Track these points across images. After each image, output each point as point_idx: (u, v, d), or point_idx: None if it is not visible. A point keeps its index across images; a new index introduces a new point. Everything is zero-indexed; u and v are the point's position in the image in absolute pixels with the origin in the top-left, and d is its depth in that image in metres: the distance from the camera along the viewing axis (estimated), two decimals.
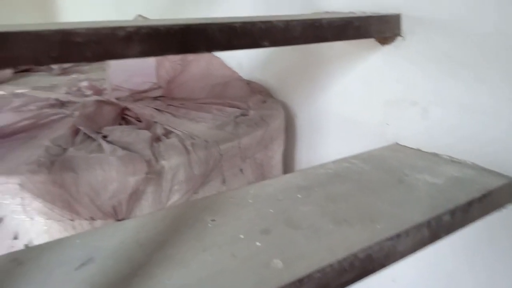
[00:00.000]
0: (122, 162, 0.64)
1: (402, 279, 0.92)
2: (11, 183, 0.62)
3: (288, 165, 1.15)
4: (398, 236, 0.53)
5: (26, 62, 0.45)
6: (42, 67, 1.60)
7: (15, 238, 0.65)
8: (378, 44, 0.85)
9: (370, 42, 0.86)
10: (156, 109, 0.99)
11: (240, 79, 1.21)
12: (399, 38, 0.81)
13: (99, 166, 0.63)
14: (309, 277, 0.45)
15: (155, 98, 1.12)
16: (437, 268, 0.84)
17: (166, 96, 1.14)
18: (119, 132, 0.73)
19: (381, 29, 0.78)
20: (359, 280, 0.50)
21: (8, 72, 1.47)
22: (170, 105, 1.04)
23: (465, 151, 0.75)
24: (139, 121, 0.90)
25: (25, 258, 0.47)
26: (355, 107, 0.95)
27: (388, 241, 0.52)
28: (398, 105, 0.84)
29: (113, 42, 0.50)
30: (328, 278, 0.47)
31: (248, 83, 1.23)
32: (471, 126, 0.73)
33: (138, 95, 1.16)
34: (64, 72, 1.58)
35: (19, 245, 0.65)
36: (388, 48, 0.84)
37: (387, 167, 0.73)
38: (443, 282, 0.83)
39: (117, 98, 1.12)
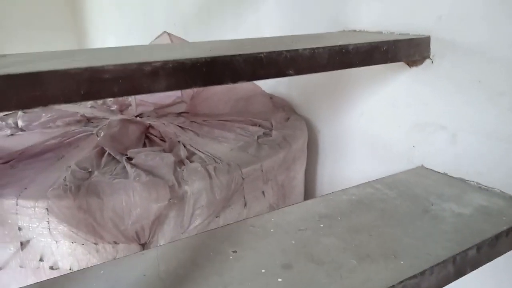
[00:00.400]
0: (146, 188, 0.64)
1: None
2: (39, 207, 0.64)
3: (309, 182, 1.14)
4: (422, 273, 0.52)
5: (57, 100, 0.46)
6: None
7: (41, 260, 0.66)
8: (406, 65, 0.84)
9: (398, 63, 0.84)
10: (180, 126, 1.00)
11: (263, 94, 1.21)
12: (428, 61, 0.79)
13: (124, 191, 0.64)
14: None
15: (179, 114, 1.13)
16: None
17: (190, 112, 1.15)
18: (143, 156, 0.74)
19: (409, 52, 0.76)
20: None
21: None
22: (194, 122, 1.04)
23: (493, 178, 0.73)
24: (163, 140, 0.91)
25: None
26: (381, 127, 0.94)
27: (411, 279, 0.51)
28: (426, 129, 0.83)
29: (140, 77, 0.51)
30: None
31: (271, 97, 1.23)
32: (501, 154, 0.71)
33: (162, 111, 1.17)
34: None
35: (44, 267, 0.67)
36: (416, 70, 0.82)
37: (413, 195, 0.72)
38: None
39: (141, 113, 1.14)
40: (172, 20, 1.79)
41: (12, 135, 0.93)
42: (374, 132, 0.96)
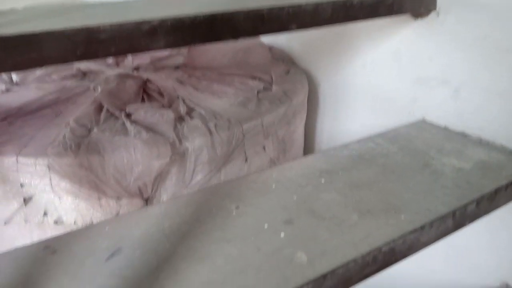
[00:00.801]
0: (147, 146, 0.64)
1: None
2: (39, 164, 0.64)
3: (309, 136, 1.14)
4: (422, 228, 0.53)
5: (54, 61, 0.45)
6: None
7: (45, 215, 0.67)
8: (411, 18, 0.81)
9: (403, 16, 0.81)
10: (178, 80, 0.98)
11: (262, 45, 1.18)
12: (433, 13, 0.76)
13: (125, 149, 0.64)
14: (332, 273, 0.45)
15: (176, 68, 1.10)
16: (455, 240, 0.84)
17: (187, 65, 1.12)
18: (143, 112, 0.73)
19: (415, 5, 0.73)
20: (381, 271, 0.51)
21: None
22: (192, 75, 1.02)
23: (494, 132, 0.73)
24: (161, 94, 0.90)
25: (57, 246, 0.49)
26: (383, 80, 0.92)
27: (412, 233, 0.52)
28: (428, 83, 0.81)
29: (138, 37, 0.49)
30: (351, 273, 0.47)
31: (270, 49, 1.20)
32: (503, 109, 0.70)
33: (159, 63, 1.14)
34: None
35: (49, 221, 0.68)
36: (421, 23, 0.80)
37: (413, 149, 0.72)
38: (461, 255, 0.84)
39: (138, 67, 1.11)
40: None
41: (7, 90, 0.91)
42: (376, 85, 0.94)
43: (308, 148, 1.14)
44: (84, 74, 1.05)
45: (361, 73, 0.98)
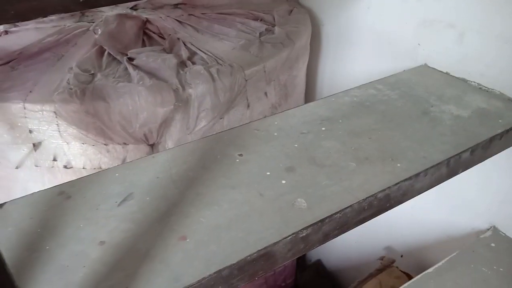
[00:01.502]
0: (151, 93, 0.65)
1: None
2: (46, 110, 0.65)
3: (310, 79, 1.13)
4: (417, 175, 0.55)
5: (55, 10, 0.44)
6: None
7: (54, 159, 0.70)
8: None
9: None
10: (178, 20, 0.96)
11: None
12: None
13: (129, 96, 0.65)
14: (330, 217, 0.49)
15: (176, 6, 1.07)
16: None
17: (187, 3, 1.09)
18: (145, 57, 0.73)
19: None
20: (376, 216, 0.54)
21: None
22: (192, 15, 1.00)
23: (494, 80, 0.73)
24: (161, 36, 0.89)
25: (72, 192, 0.52)
26: (388, 22, 0.91)
27: (406, 181, 0.54)
28: (433, 26, 0.80)
29: None
30: (348, 217, 0.50)
31: None
32: (506, 56, 0.70)
33: (157, 2, 1.11)
34: None
35: (58, 166, 0.70)
36: None
37: (414, 95, 0.73)
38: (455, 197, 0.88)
39: (136, 5, 1.08)
40: None
41: (6, 32, 0.90)
42: (380, 27, 0.93)
43: (309, 92, 1.14)
44: (81, 13, 1.02)
45: (366, 14, 0.96)
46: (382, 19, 0.92)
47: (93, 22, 0.94)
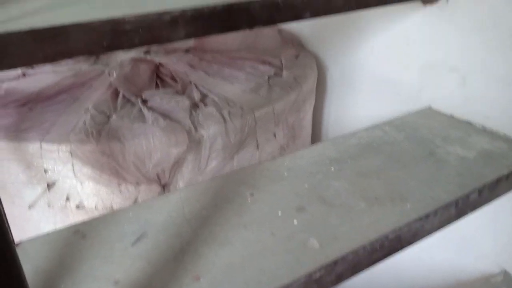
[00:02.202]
0: (165, 133, 0.67)
1: None
2: (62, 151, 0.67)
3: (316, 121, 1.16)
4: (427, 216, 0.56)
5: (81, 52, 0.47)
6: None
7: (67, 199, 0.71)
8: (420, 3, 0.82)
9: (412, 1, 0.82)
10: (189, 64, 1.00)
11: (271, 28, 1.19)
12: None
13: (144, 136, 0.67)
14: (343, 258, 0.49)
15: (187, 50, 1.12)
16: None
17: (198, 48, 1.14)
18: (159, 99, 0.76)
19: None
20: (387, 257, 0.55)
21: None
22: (203, 59, 1.04)
23: (499, 121, 0.75)
24: (174, 79, 0.92)
25: (87, 231, 0.53)
26: (391, 66, 0.94)
27: (417, 221, 0.55)
28: (436, 69, 0.83)
29: (160, 27, 0.51)
30: (360, 258, 0.51)
31: (280, 31, 1.21)
32: (509, 98, 0.72)
33: (169, 46, 1.16)
34: None
35: (71, 206, 0.71)
36: (430, 9, 0.81)
37: (419, 137, 0.75)
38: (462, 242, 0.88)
39: (149, 49, 1.13)
40: None
41: (24, 74, 0.94)
42: (384, 70, 0.96)
43: (316, 133, 1.17)
44: (97, 57, 1.06)
45: (369, 58, 0.99)
46: (385, 63, 0.95)
47: (107, 65, 0.98)
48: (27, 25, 0.45)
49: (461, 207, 0.60)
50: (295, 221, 0.54)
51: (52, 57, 0.47)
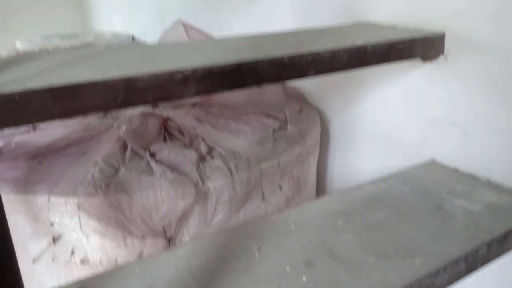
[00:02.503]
0: (173, 186, 0.68)
1: None
2: (70, 204, 0.67)
3: (320, 174, 1.17)
4: (437, 272, 0.55)
5: (95, 109, 0.49)
6: None
7: (72, 253, 0.70)
8: (420, 61, 0.85)
9: (413, 60, 0.86)
10: (196, 118, 1.02)
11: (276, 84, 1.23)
12: (442, 57, 0.81)
13: (151, 189, 0.68)
14: None
15: (194, 105, 1.15)
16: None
17: (204, 102, 1.17)
18: (166, 152, 0.77)
19: (425, 50, 0.78)
20: None
21: None
22: (209, 113, 1.07)
23: (503, 175, 0.76)
24: (182, 133, 0.94)
25: (93, 286, 0.52)
26: (393, 121, 0.96)
27: (427, 277, 0.54)
28: (438, 124, 0.85)
29: (171, 85, 0.53)
30: None
31: (284, 86, 1.25)
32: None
33: (177, 101, 1.19)
34: None
35: (75, 260, 0.71)
36: (430, 66, 0.84)
37: (425, 190, 0.75)
38: None
39: (156, 103, 1.16)
40: (184, 14, 1.78)
41: (34, 128, 0.96)
42: (386, 125, 0.98)
43: (320, 185, 1.17)
44: (105, 111, 1.09)
45: (371, 113, 1.02)
46: (387, 118, 0.97)
47: (116, 119, 1.00)
48: (45, 82, 0.48)
49: (470, 262, 0.59)
50: (304, 278, 0.54)
51: (68, 113, 0.49)
